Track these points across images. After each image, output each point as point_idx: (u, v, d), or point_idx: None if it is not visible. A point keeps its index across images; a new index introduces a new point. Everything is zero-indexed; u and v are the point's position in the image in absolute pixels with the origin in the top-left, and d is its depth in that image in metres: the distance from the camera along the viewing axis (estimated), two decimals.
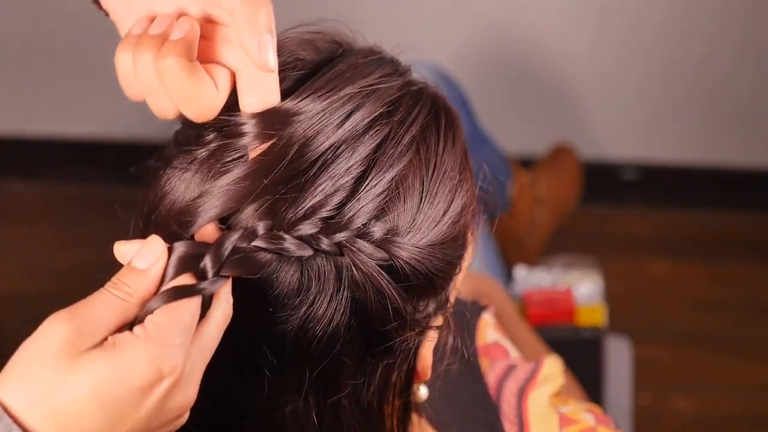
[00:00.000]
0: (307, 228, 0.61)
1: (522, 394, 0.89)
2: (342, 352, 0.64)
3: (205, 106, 0.61)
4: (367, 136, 0.63)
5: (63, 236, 2.29)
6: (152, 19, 0.63)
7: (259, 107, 0.62)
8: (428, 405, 0.74)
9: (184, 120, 0.65)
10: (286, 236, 0.60)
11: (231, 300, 0.60)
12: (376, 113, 0.64)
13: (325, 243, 0.61)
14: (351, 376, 0.65)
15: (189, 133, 0.65)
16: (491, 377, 0.91)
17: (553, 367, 0.91)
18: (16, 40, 2.32)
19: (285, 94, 0.63)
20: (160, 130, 0.69)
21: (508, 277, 1.59)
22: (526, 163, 2.05)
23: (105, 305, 0.56)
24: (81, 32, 2.28)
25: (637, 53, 2.20)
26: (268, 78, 0.62)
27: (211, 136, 0.63)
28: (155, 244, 0.58)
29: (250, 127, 0.62)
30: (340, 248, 0.62)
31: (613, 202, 2.31)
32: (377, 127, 0.64)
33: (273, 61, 0.60)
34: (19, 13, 2.29)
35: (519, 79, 2.26)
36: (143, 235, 0.61)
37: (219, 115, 0.63)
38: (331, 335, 0.63)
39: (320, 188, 0.61)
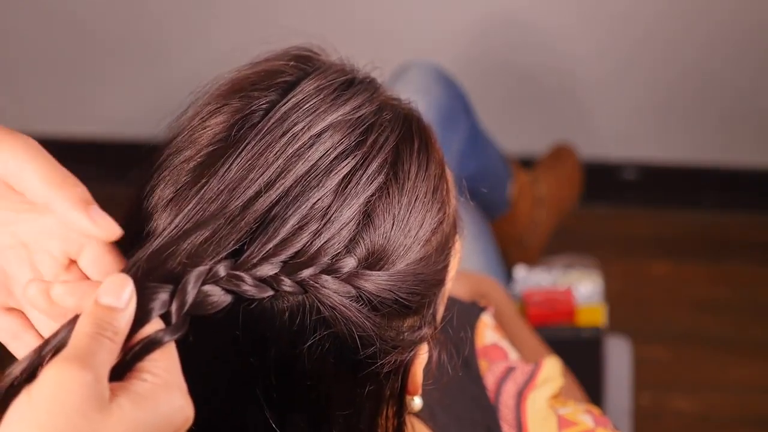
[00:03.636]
0: (268, 269, 0.59)
1: (521, 396, 0.88)
2: (329, 386, 0.62)
3: None
4: (334, 171, 0.61)
5: None
6: None
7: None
8: (425, 406, 0.74)
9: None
10: (247, 277, 0.58)
11: None
12: (344, 145, 0.62)
13: (287, 284, 0.59)
14: (340, 407, 0.63)
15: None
16: (490, 379, 0.91)
17: (552, 369, 0.90)
18: (17, 40, 2.32)
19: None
20: (160, 130, 0.69)
21: (508, 277, 1.59)
22: (526, 163, 2.05)
23: (103, 350, 0.53)
24: (82, 32, 2.28)
25: (637, 53, 2.20)
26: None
27: None
28: (125, 282, 0.55)
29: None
30: (303, 287, 0.60)
31: (613, 202, 2.30)
32: (346, 160, 0.62)
33: (109, 227, 0.58)
34: (19, 12, 2.29)
35: (519, 79, 2.25)
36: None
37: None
38: (314, 371, 0.61)
39: (283, 227, 0.59)
